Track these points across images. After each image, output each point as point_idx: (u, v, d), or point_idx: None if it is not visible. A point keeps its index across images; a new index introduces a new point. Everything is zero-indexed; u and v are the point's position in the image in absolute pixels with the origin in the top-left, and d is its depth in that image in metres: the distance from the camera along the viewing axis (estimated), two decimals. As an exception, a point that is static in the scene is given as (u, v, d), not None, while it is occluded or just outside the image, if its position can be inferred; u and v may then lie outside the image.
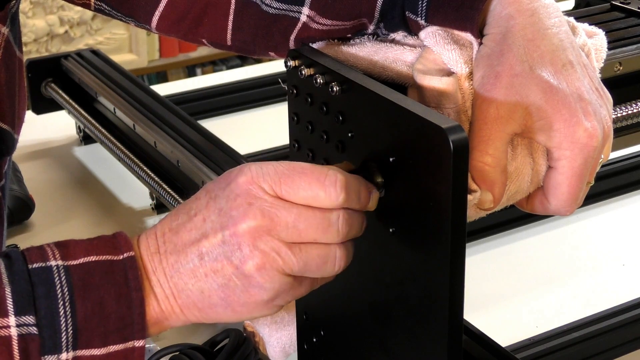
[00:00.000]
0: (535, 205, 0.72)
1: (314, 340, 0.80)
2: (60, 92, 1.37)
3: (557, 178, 0.69)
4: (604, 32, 0.77)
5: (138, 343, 0.61)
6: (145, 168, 1.15)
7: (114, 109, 1.25)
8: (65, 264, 0.61)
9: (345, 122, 0.69)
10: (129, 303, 0.61)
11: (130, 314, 0.61)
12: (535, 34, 0.68)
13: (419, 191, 0.63)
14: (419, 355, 0.68)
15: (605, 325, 0.95)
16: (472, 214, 0.70)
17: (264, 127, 1.45)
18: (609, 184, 1.21)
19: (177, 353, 0.87)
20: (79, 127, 1.40)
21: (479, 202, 0.68)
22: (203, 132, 1.13)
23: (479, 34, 0.70)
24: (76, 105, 1.34)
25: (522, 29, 0.68)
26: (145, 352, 0.90)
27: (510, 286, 1.06)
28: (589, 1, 1.26)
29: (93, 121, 1.29)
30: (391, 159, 0.65)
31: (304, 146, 0.74)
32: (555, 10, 0.70)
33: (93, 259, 0.61)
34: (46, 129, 1.45)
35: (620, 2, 0.95)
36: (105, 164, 1.34)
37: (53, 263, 0.60)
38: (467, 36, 0.70)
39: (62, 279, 0.60)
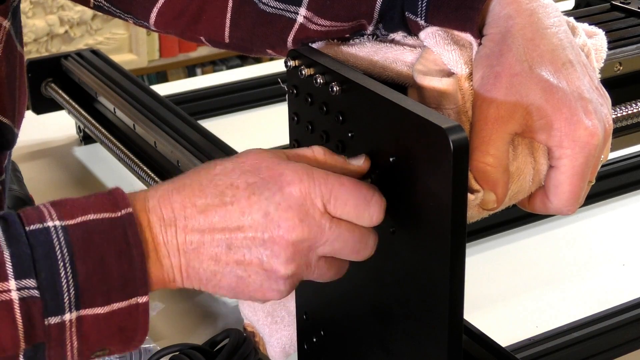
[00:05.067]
0: (537, 205, 0.72)
1: (314, 340, 0.80)
2: (60, 92, 1.37)
3: (559, 177, 0.69)
4: (604, 32, 0.77)
5: (141, 299, 0.60)
6: (145, 168, 1.15)
7: (114, 109, 1.25)
8: (63, 224, 0.60)
9: (345, 122, 0.69)
10: (130, 259, 0.60)
11: (131, 270, 0.60)
12: (535, 34, 0.68)
13: (419, 191, 0.63)
14: (419, 355, 0.68)
15: (605, 325, 0.95)
16: (475, 214, 0.70)
17: (264, 127, 1.45)
18: (609, 184, 1.21)
19: (177, 353, 0.87)
20: (79, 127, 1.40)
21: (482, 203, 0.68)
22: (203, 132, 1.13)
23: (478, 34, 0.70)
24: (76, 105, 1.34)
25: (522, 29, 0.68)
26: (145, 352, 0.90)
27: (510, 286, 1.06)
28: (589, 1, 1.26)
29: (93, 121, 1.29)
30: (391, 159, 0.65)
31: (304, 146, 0.74)
32: (554, 10, 0.70)
33: (91, 217, 0.60)
34: (46, 129, 1.45)
35: (620, 2, 0.95)
36: (105, 164, 1.34)
37: (51, 224, 0.59)
38: (467, 37, 0.70)
39: (61, 239, 0.59)
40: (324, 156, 0.66)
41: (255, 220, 0.62)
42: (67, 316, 0.59)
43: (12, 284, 0.57)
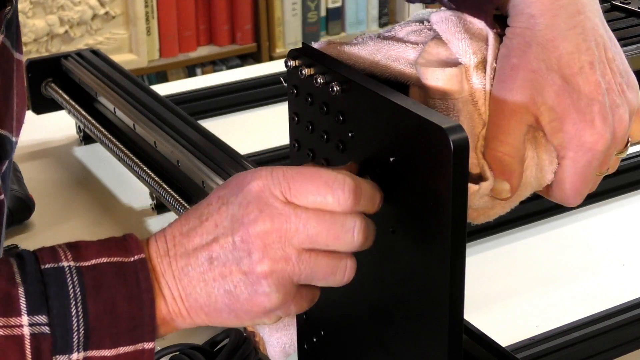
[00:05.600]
0: (542, 191, 0.74)
1: (314, 340, 0.80)
2: (60, 92, 1.37)
3: (561, 174, 0.71)
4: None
5: (148, 345, 0.62)
6: (145, 168, 1.15)
7: (114, 109, 1.25)
8: (77, 265, 0.61)
9: (345, 122, 0.69)
10: (140, 304, 0.61)
11: (141, 314, 0.61)
12: (556, 35, 0.68)
13: (419, 191, 0.63)
14: (419, 355, 0.68)
15: (605, 325, 0.95)
16: (481, 204, 0.70)
17: (264, 127, 1.45)
18: (609, 184, 1.21)
19: (177, 353, 0.87)
20: (79, 127, 1.40)
21: (496, 192, 0.69)
22: (203, 132, 1.13)
23: (494, 24, 0.70)
24: (76, 105, 1.34)
25: (543, 29, 0.68)
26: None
27: (510, 286, 1.06)
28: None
29: (93, 121, 1.29)
30: (391, 159, 0.65)
31: (304, 146, 0.74)
32: (584, 6, 0.70)
33: (104, 261, 0.62)
34: (46, 129, 1.45)
35: (620, 2, 0.95)
36: (105, 164, 1.34)
37: (65, 264, 0.61)
38: (482, 24, 0.70)
39: (75, 279, 0.60)
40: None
41: (225, 227, 0.63)
42: (74, 356, 0.60)
43: (24, 319, 0.59)
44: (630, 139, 0.73)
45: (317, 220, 0.62)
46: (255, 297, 0.63)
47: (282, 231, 0.62)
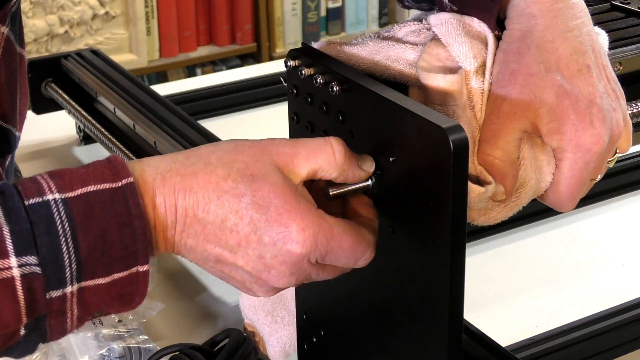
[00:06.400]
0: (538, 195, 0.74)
1: (314, 340, 0.80)
2: (60, 92, 1.37)
3: (557, 177, 0.71)
4: (606, 32, 0.77)
5: (142, 268, 0.60)
6: (145, 168, 1.15)
7: (114, 109, 1.25)
8: (63, 197, 0.58)
9: (345, 122, 0.69)
10: (132, 231, 0.59)
11: (133, 241, 0.59)
12: (555, 37, 0.69)
13: (419, 191, 0.63)
14: (419, 355, 0.68)
15: (605, 325, 0.95)
16: (481, 205, 0.70)
17: (264, 127, 1.44)
18: (609, 184, 1.21)
19: (177, 353, 0.87)
20: (79, 127, 1.40)
21: (493, 195, 0.69)
22: (203, 132, 1.13)
23: (496, 26, 0.70)
24: (76, 105, 1.34)
25: (543, 30, 0.68)
26: (145, 352, 0.90)
27: (510, 286, 1.06)
28: (589, 1, 1.26)
29: (93, 121, 1.29)
30: (391, 159, 0.65)
31: (304, 146, 0.74)
32: (580, 11, 0.71)
33: (91, 189, 0.59)
34: (46, 129, 1.45)
35: (620, 2, 0.95)
36: (105, 164, 1.34)
37: (50, 197, 0.58)
38: (482, 27, 0.70)
39: (62, 213, 0.58)
40: (342, 158, 0.64)
41: (248, 255, 0.62)
42: (68, 289, 0.58)
43: (12, 261, 0.56)
44: (617, 150, 0.73)
45: (330, 275, 0.66)
46: (247, 293, 0.66)
47: (299, 283, 0.65)
